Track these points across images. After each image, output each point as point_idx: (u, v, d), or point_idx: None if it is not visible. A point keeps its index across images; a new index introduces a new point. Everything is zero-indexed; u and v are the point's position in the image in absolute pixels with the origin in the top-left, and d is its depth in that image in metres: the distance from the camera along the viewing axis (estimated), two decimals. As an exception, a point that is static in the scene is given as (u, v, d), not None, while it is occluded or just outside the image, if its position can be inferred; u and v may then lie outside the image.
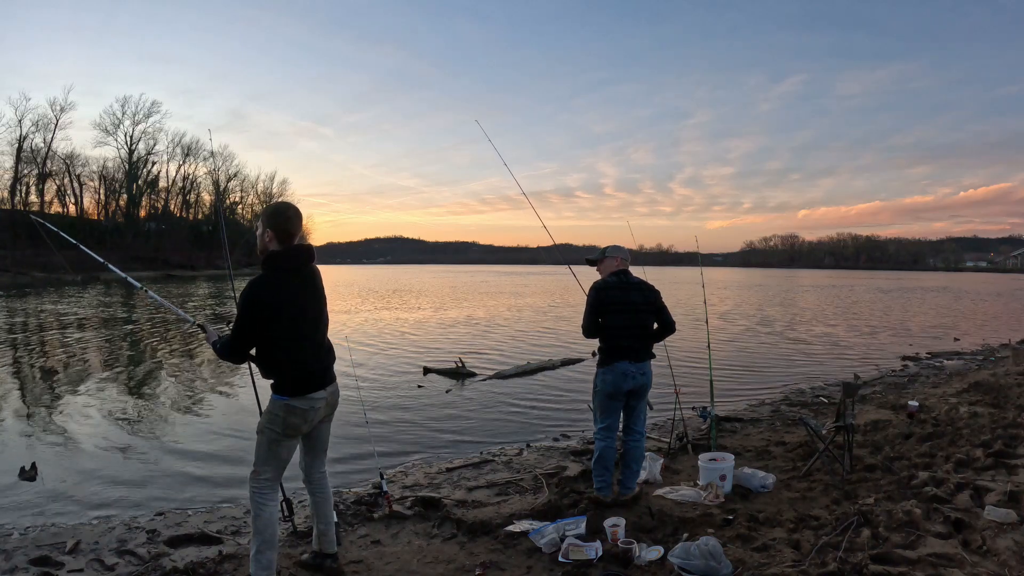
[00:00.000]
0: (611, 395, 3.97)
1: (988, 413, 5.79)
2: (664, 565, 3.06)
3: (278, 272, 2.73)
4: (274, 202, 3.00)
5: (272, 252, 2.75)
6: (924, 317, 21.62)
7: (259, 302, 2.67)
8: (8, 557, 3.48)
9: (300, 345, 2.77)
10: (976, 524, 3.18)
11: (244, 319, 2.68)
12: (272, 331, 2.70)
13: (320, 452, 3.11)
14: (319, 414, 2.88)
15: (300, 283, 2.78)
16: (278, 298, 2.69)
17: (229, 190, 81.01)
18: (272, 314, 2.68)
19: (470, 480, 4.88)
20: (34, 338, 14.13)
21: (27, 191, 60.34)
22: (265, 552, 2.81)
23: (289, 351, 2.75)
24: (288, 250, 2.77)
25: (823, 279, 69.00)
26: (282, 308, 2.69)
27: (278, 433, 2.81)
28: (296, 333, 2.75)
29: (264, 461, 2.85)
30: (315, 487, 3.13)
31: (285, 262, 2.75)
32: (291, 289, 2.73)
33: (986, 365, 10.46)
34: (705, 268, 9.36)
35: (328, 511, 3.15)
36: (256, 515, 2.83)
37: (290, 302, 2.72)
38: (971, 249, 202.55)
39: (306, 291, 2.80)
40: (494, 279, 59.76)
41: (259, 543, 2.81)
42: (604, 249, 4.17)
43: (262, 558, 2.80)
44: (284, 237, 2.77)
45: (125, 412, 7.31)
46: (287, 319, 2.71)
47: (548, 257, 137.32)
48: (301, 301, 2.76)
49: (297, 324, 2.75)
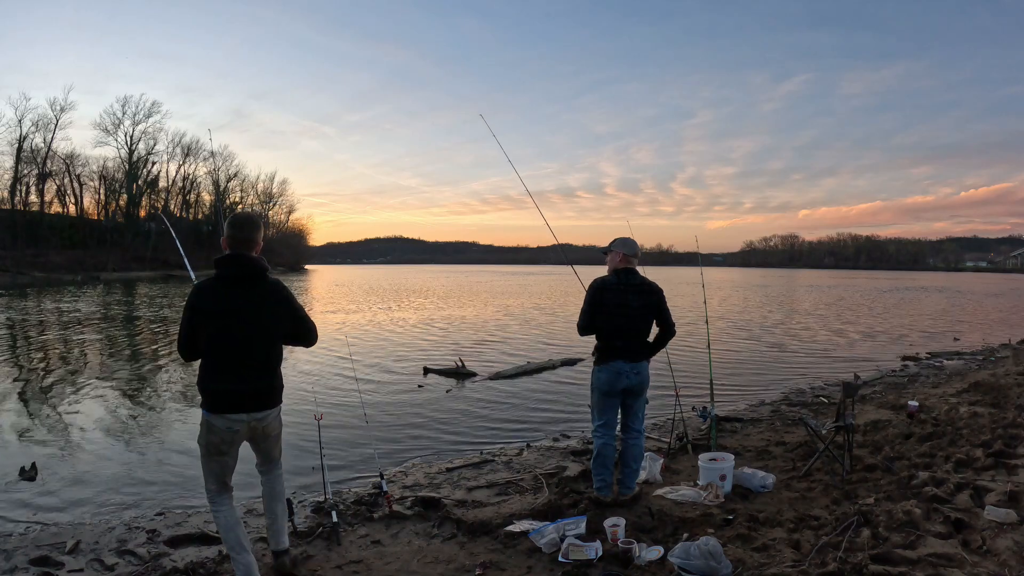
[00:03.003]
0: (606, 393, 3.98)
1: (988, 413, 5.79)
2: (664, 565, 3.06)
3: (220, 279, 2.68)
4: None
5: (216, 257, 2.73)
6: (924, 317, 21.62)
7: (192, 305, 2.65)
8: (8, 557, 3.48)
9: (224, 359, 2.67)
10: (976, 524, 3.18)
11: (183, 319, 2.68)
12: (202, 337, 2.65)
13: (267, 461, 3.06)
14: (239, 437, 2.77)
15: (243, 296, 2.68)
16: (210, 305, 2.64)
17: (229, 190, 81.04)
18: (201, 320, 2.63)
19: (470, 480, 4.88)
20: (34, 338, 14.13)
21: (27, 191, 60.37)
22: (234, 558, 2.84)
23: (212, 363, 2.68)
24: (225, 256, 2.71)
25: (823, 279, 69.00)
26: (211, 316, 2.63)
27: (203, 448, 2.79)
28: (222, 345, 2.65)
29: (204, 474, 2.85)
30: (264, 480, 3.11)
31: (222, 268, 2.69)
32: (228, 298, 2.66)
33: (986, 365, 10.46)
34: (705, 268, 9.37)
35: (273, 506, 3.09)
36: (216, 524, 2.89)
37: (222, 312, 2.64)
38: (971, 249, 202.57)
39: (248, 306, 2.68)
40: (493, 279, 59.76)
41: (227, 550, 2.88)
42: (613, 242, 4.15)
43: (233, 564, 2.85)
44: (230, 243, 2.74)
45: (125, 412, 7.31)
46: (214, 329, 2.64)
47: (549, 257, 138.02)
48: (237, 313, 2.66)
49: (224, 336, 2.65)
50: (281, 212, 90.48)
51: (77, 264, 54.92)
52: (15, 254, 50.36)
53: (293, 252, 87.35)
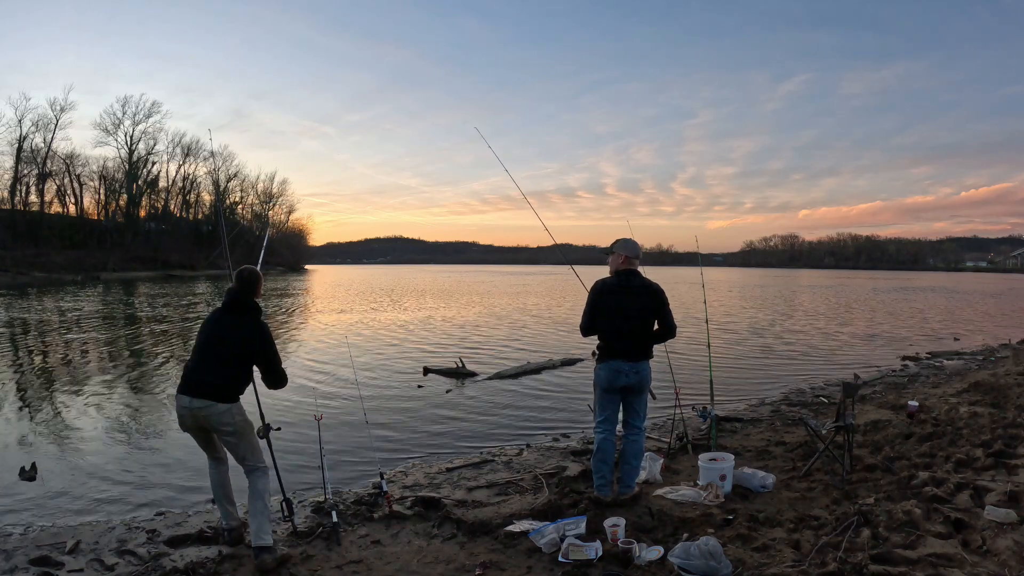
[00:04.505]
0: (606, 389, 4.03)
1: (988, 413, 5.79)
2: (664, 565, 3.06)
3: (224, 304, 3.52)
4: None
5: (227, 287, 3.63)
6: (924, 317, 21.62)
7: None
8: (8, 557, 3.48)
9: (196, 352, 3.45)
10: (976, 524, 3.18)
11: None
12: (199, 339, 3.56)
13: (240, 461, 3.46)
14: (187, 421, 3.40)
15: (229, 316, 3.48)
16: (208, 317, 3.58)
17: (229, 190, 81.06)
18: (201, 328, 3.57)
19: (470, 480, 4.88)
20: (34, 338, 14.13)
21: (27, 191, 60.40)
22: (217, 506, 3.64)
23: (192, 354, 3.49)
24: (230, 289, 3.55)
25: (823, 279, 69.00)
26: (203, 323, 3.56)
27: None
28: (199, 342, 3.47)
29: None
30: (247, 479, 3.44)
31: (225, 297, 3.54)
32: (216, 315, 3.52)
33: (986, 365, 10.46)
34: (705, 268, 9.36)
35: (252, 503, 3.36)
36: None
37: (211, 321, 3.52)
38: (971, 249, 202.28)
39: (226, 321, 3.46)
40: (493, 279, 59.77)
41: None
42: (614, 243, 4.16)
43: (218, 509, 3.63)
44: (236, 282, 3.54)
45: (125, 412, 7.31)
46: (201, 332, 3.51)
47: (548, 257, 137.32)
48: (218, 324, 3.47)
49: (202, 336, 3.46)
50: (281, 212, 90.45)
51: (77, 264, 54.90)
52: (15, 254, 50.32)
53: (293, 252, 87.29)
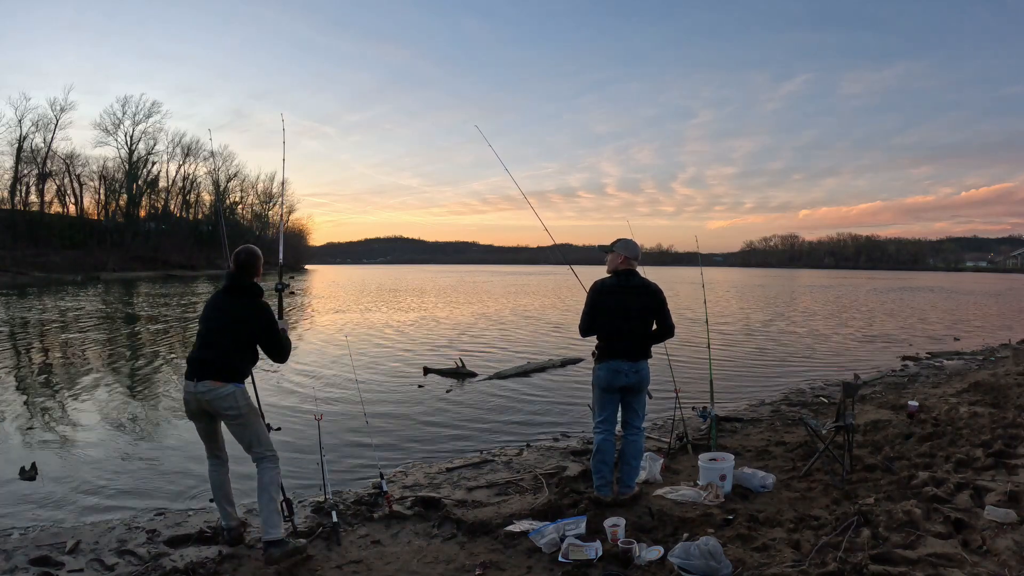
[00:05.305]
0: (605, 389, 4.03)
1: (988, 413, 5.79)
2: (664, 565, 3.06)
3: (222, 287, 3.55)
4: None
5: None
6: (924, 317, 21.62)
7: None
8: (8, 557, 3.48)
9: (198, 337, 3.47)
10: (976, 524, 3.19)
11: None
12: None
13: (247, 449, 3.44)
14: (192, 408, 3.38)
15: (228, 298, 3.50)
16: (208, 301, 3.59)
17: (229, 190, 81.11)
18: (203, 312, 3.58)
19: (470, 480, 4.88)
20: (34, 338, 14.13)
21: (27, 191, 60.40)
22: (216, 506, 3.58)
23: (195, 340, 3.51)
24: (228, 273, 3.55)
25: (823, 279, 69.01)
26: (204, 307, 3.59)
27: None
28: (201, 327, 3.49)
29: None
30: (256, 466, 3.43)
31: (224, 280, 3.57)
32: (217, 297, 3.55)
33: (986, 365, 10.46)
34: (705, 268, 9.36)
35: (260, 496, 3.35)
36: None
37: (210, 305, 3.54)
38: (971, 249, 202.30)
39: (225, 304, 3.48)
40: (493, 279, 59.77)
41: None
42: (614, 242, 4.16)
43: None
44: (233, 265, 3.54)
45: (125, 411, 7.31)
46: (202, 316, 3.53)
47: (548, 257, 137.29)
48: (217, 307, 3.49)
49: (203, 320, 3.50)
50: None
51: (77, 264, 54.90)
52: (15, 254, 50.32)
53: (293, 252, 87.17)
